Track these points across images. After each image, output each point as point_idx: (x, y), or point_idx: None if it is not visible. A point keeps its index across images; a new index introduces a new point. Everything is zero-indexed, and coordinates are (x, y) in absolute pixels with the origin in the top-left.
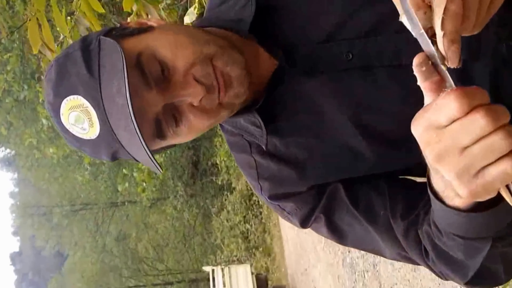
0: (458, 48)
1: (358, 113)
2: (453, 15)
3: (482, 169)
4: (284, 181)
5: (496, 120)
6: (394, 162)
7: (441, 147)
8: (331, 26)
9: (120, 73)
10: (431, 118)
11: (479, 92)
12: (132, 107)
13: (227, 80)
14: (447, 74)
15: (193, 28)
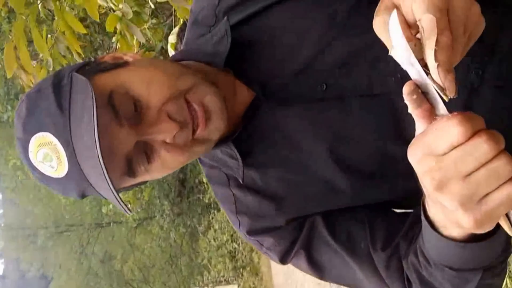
0: (454, 78)
1: (334, 144)
2: (445, 47)
3: (485, 196)
4: (263, 215)
5: (497, 144)
6: (373, 195)
7: (442, 174)
8: (305, 58)
9: (90, 112)
10: (430, 144)
11: (477, 117)
12: (100, 147)
13: (206, 113)
14: (440, 102)
15: (169, 63)
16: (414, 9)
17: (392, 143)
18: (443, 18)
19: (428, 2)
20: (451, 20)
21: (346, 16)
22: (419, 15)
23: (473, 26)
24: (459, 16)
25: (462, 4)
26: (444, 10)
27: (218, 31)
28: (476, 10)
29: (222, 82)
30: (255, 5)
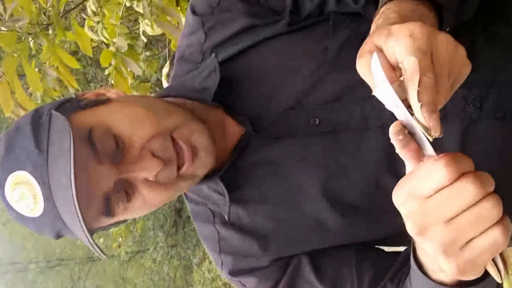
0: (438, 118)
1: (326, 179)
2: (427, 87)
3: (469, 241)
4: (247, 254)
5: (484, 187)
6: (364, 232)
7: (424, 218)
8: (297, 93)
9: (67, 153)
10: (414, 187)
11: (464, 159)
12: (76, 189)
13: (194, 151)
14: (426, 142)
15: (155, 100)
16: (396, 52)
17: (385, 177)
18: (426, 60)
19: (410, 45)
20: (435, 63)
21: (337, 52)
22: (401, 57)
23: (458, 69)
24: (443, 59)
25: (446, 47)
26: (428, 52)
27: (206, 67)
28: (461, 53)
29: (210, 118)
30: (243, 42)
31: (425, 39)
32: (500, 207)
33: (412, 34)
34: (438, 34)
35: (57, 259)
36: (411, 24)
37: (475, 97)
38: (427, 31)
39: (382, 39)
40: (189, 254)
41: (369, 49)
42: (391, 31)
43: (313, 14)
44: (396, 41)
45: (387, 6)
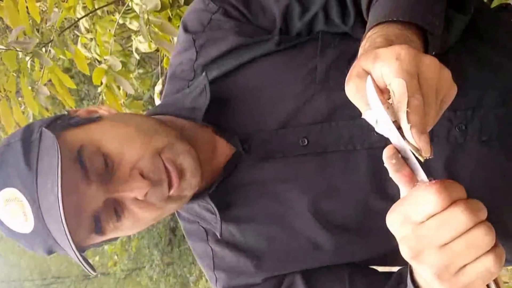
0: (428, 139)
1: (316, 199)
2: (416, 109)
3: (462, 267)
4: (240, 271)
5: (476, 214)
6: (356, 252)
7: (418, 243)
8: (286, 114)
9: (55, 172)
10: (407, 212)
11: (457, 186)
12: (64, 208)
13: (180, 172)
14: (419, 167)
15: (145, 119)
16: (384, 74)
17: (374, 198)
18: (413, 81)
19: (397, 67)
20: (422, 84)
21: (325, 72)
22: (389, 79)
23: (445, 91)
24: (430, 81)
25: (432, 69)
26: (414, 74)
27: (196, 86)
28: (447, 75)
29: (200, 137)
30: (234, 61)
31: (412, 61)
32: (493, 235)
33: (398, 56)
34: (423, 57)
35: (52, 277)
36: (397, 47)
37: (461, 119)
38: (413, 53)
39: (369, 62)
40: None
41: (357, 73)
42: (378, 54)
43: (303, 33)
44: (383, 64)
45: (374, 30)
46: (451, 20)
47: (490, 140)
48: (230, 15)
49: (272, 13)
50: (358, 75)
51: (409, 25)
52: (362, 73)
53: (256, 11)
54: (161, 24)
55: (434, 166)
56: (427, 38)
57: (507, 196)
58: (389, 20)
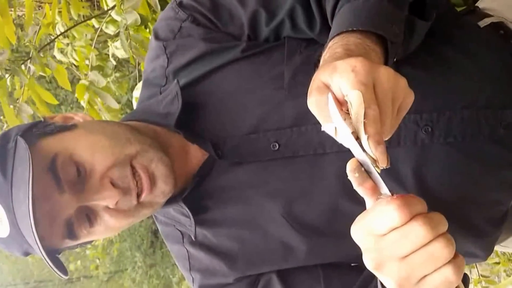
0: (384, 149)
1: (287, 202)
2: (372, 119)
3: (423, 277)
4: (215, 272)
5: (434, 228)
6: (328, 254)
7: (380, 255)
8: (256, 119)
9: (27, 182)
10: (370, 225)
11: (417, 201)
12: (35, 217)
13: (152, 178)
14: (381, 180)
15: (118, 126)
16: (341, 86)
17: (345, 201)
18: (368, 92)
19: (353, 79)
20: (378, 94)
21: (292, 77)
22: (346, 91)
23: (401, 98)
24: (385, 90)
25: (387, 79)
26: (370, 85)
27: (169, 92)
28: (402, 83)
29: (173, 143)
30: (203, 68)
31: (367, 72)
32: (452, 246)
33: (354, 68)
34: (379, 68)
35: (35, 281)
36: (353, 59)
37: (426, 122)
38: (368, 65)
39: (327, 75)
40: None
41: (317, 87)
42: (335, 67)
43: (270, 39)
44: (340, 77)
45: (334, 40)
46: (413, 26)
47: (455, 141)
48: (199, 22)
49: (240, 20)
50: (318, 89)
51: (369, 34)
52: (322, 87)
53: (225, 18)
54: (141, 41)
55: (402, 168)
56: (387, 46)
57: (473, 194)
58: (350, 29)
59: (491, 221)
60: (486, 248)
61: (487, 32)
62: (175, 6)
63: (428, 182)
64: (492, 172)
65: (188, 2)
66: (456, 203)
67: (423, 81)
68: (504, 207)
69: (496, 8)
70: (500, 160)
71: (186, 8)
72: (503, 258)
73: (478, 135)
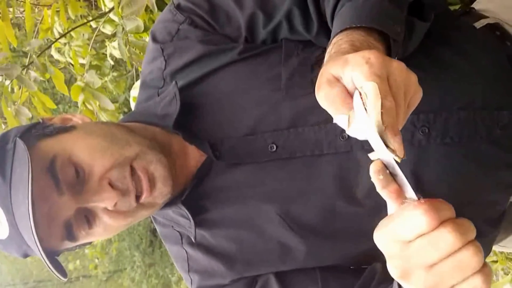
0: (401, 139)
1: (284, 203)
2: (389, 110)
3: (451, 287)
4: (213, 273)
5: (464, 235)
6: (326, 256)
7: (407, 263)
8: (253, 120)
9: (26, 185)
10: (396, 231)
11: (445, 206)
12: (35, 218)
13: (151, 180)
14: (407, 183)
15: (117, 128)
16: (354, 78)
17: (341, 202)
18: (384, 84)
19: (367, 71)
20: (391, 87)
21: (289, 78)
22: (360, 83)
23: (412, 92)
24: (398, 84)
25: (400, 72)
26: (384, 78)
27: (167, 94)
28: (414, 79)
29: (172, 144)
30: (200, 70)
31: (381, 65)
32: (481, 255)
33: (368, 61)
34: (392, 61)
35: (34, 281)
36: (366, 52)
37: (423, 123)
38: (381, 57)
39: (339, 68)
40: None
41: (327, 80)
42: (347, 59)
43: (267, 41)
44: (353, 69)
45: (339, 36)
46: (413, 27)
47: (452, 141)
48: (196, 25)
49: (238, 22)
50: (328, 82)
51: (372, 31)
52: (332, 80)
53: (222, 20)
54: (142, 45)
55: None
56: (389, 44)
57: (470, 194)
58: (353, 26)
59: (489, 221)
60: (484, 249)
61: (483, 33)
62: (172, 9)
63: (425, 183)
64: (489, 172)
65: (186, 4)
66: (453, 204)
67: (419, 82)
68: (501, 207)
69: (492, 9)
70: (497, 161)
71: (183, 10)
72: (500, 256)
73: (474, 136)
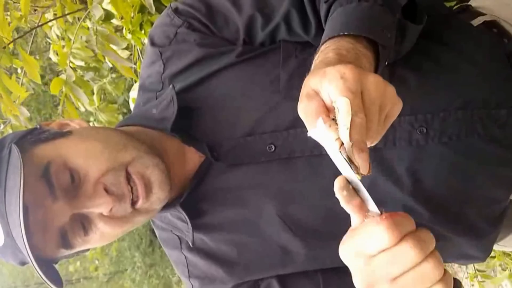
0: (367, 156)
1: (284, 204)
2: (358, 126)
3: None
4: (214, 279)
5: (425, 249)
6: (327, 258)
7: (371, 277)
8: (252, 122)
9: (18, 190)
10: (359, 246)
11: (406, 221)
12: (29, 225)
13: (147, 185)
14: (369, 197)
15: (113, 132)
16: (329, 93)
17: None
18: (356, 99)
19: (341, 86)
20: (365, 102)
21: (287, 81)
22: (334, 98)
23: (389, 106)
24: (373, 98)
25: (375, 87)
26: (358, 92)
27: (165, 97)
28: (391, 91)
29: (169, 147)
30: (199, 73)
31: (355, 80)
32: (441, 266)
33: (343, 75)
34: (368, 75)
35: (35, 283)
36: (342, 66)
37: (421, 123)
38: (357, 72)
39: (317, 81)
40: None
41: (306, 94)
42: (325, 73)
43: (266, 43)
44: (329, 83)
45: (327, 44)
46: (405, 30)
47: (450, 141)
48: (194, 28)
49: (236, 24)
50: (307, 96)
51: (361, 38)
52: (311, 93)
53: (220, 23)
54: (107, 35)
55: (398, 168)
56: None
57: (469, 192)
58: (341, 34)
59: (489, 220)
60: (485, 249)
61: (481, 30)
62: (170, 12)
63: (423, 182)
64: (488, 169)
65: (184, 8)
66: (452, 202)
67: (417, 83)
68: (501, 205)
69: (488, 6)
70: (495, 158)
71: (181, 14)
72: (498, 252)
73: (472, 134)
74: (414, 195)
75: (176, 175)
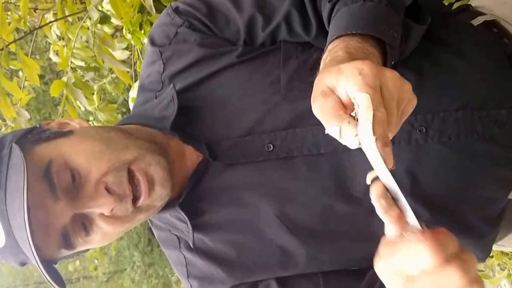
0: (391, 150)
1: (282, 203)
2: (380, 121)
3: None
4: (213, 279)
5: (469, 273)
6: (327, 259)
7: None
8: (251, 122)
9: (21, 193)
10: (399, 264)
11: (449, 240)
12: (31, 226)
13: (150, 182)
14: (408, 208)
15: (114, 131)
16: (347, 89)
17: (339, 202)
18: (376, 95)
19: (360, 82)
20: (384, 97)
21: (288, 81)
22: (353, 94)
23: (406, 101)
24: (391, 94)
25: (393, 82)
26: (377, 88)
27: (164, 97)
28: (408, 87)
29: (169, 146)
30: (199, 73)
31: (374, 76)
32: None
33: (361, 71)
34: (385, 71)
35: (35, 282)
36: (359, 62)
37: (421, 123)
38: (375, 68)
39: (333, 78)
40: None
41: (321, 92)
42: (341, 70)
43: (266, 43)
44: (346, 80)
45: (334, 43)
46: (409, 30)
47: (449, 140)
48: (195, 28)
49: (236, 25)
50: (322, 94)
51: (368, 37)
52: (326, 91)
53: (221, 23)
54: (103, 37)
55: (397, 167)
56: (385, 49)
57: (468, 192)
58: (349, 32)
59: (488, 221)
60: (484, 250)
61: (480, 30)
62: (171, 12)
63: (422, 181)
64: (487, 169)
65: (184, 7)
66: (451, 202)
67: (417, 83)
68: (500, 205)
69: (488, 6)
70: (494, 157)
71: (182, 13)
72: (496, 252)
73: (472, 134)
74: (413, 195)
75: (176, 174)
